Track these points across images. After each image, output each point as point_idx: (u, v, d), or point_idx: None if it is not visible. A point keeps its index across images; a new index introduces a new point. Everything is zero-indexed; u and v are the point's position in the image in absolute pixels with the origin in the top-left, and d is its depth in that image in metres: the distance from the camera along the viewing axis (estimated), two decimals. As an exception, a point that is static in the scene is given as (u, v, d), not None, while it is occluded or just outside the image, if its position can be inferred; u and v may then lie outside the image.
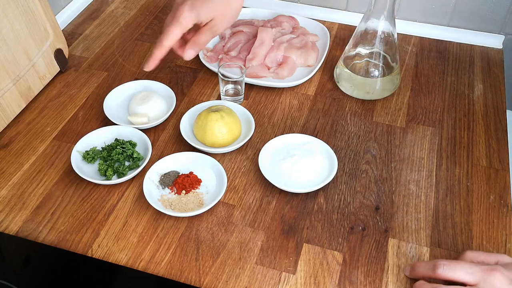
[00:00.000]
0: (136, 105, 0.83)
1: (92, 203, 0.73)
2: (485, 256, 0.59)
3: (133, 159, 0.77)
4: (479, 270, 0.54)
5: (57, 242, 0.69)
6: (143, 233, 0.70)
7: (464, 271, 0.54)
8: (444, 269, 0.56)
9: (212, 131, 0.77)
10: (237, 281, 0.64)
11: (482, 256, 0.59)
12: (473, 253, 0.60)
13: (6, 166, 0.79)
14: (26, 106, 0.88)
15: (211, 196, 0.73)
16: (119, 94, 0.88)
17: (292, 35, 0.99)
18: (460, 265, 0.56)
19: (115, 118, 0.83)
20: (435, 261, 0.58)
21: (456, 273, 0.55)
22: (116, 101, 0.87)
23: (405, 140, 0.83)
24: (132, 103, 0.85)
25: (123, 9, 1.14)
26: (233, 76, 0.86)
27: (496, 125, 0.85)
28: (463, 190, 0.75)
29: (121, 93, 0.88)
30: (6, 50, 0.81)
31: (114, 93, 0.88)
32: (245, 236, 0.69)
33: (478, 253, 0.60)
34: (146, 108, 0.83)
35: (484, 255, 0.59)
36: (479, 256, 0.59)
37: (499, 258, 0.58)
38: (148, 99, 0.83)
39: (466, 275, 0.54)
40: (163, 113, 0.84)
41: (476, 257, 0.59)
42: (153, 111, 0.83)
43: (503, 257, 0.58)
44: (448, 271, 0.55)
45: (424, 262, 0.61)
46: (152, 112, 0.83)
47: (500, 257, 0.58)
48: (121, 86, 0.89)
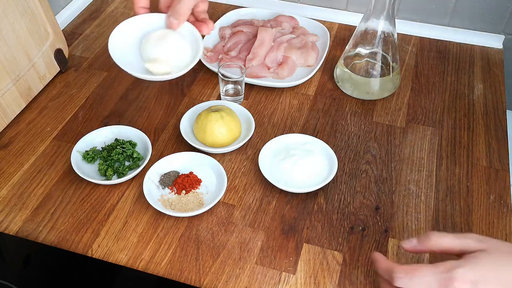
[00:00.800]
0: (152, 47, 0.65)
1: (92, 203, 0.73)
2: (450, 241, 0.54)
3: (133, 159, 0.77)
4: (437, 281, 0.49)
5: (57, 242, 0.69)
6: (143, 233, 0.70)
7: (421, 285, 0.50)
8: (400, 282, 0.51)
9: (212, 131, 0.77)
10: (237, 281, 0.64)
11: (447, 240, 0.54)
12: (438, 237, 0.55)
13: (6, 166, 0.79)
14: (26, 106, 0.88)
15: (211, 196, 0.73)
16: (128, 33, 0.69)
17: (292, 35, 0.99)
18: (417, 276, 0.50)
19: (126, 66, 0.65)
20: (393, 268, 0.52)
21: (412, 287, 0.50)
22: (123, 43, 0.68)
23: (405, 140, 0.83)
24: (147, 46, 0.66)
25: (123, 9, 1.14)
26: (233, 76, 0.86)
27: (496, 125, 0.85)
28: (463, 190, 0.75)
29: (131, 32, 0.69)
30: (6, 50, 0.81)
31: (121, 30, 0.68)
32: (245, 236, 0.69)
33: (442, 236, 0.54)
34: (166, 51, 0.65)
35: (449, 239, 0.54)
36: (443, 241, 0.54)
37: (465, 245, 0.53)
38: (167, 40, 0.65)
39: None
40: (188, 59, 0.65)
41: (441, 242, 0.54)
42: (175, 56, 0.65)
43: (469, 242, 0.53)
44: (404, 284, 0.51)
45: (384, 263, 0.55)
46: (175, 57, 0.65)
47: (466, 241, 0.53)
48: (130, 20, 0.69)
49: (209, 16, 1.10)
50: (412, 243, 0.55)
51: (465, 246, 0.52)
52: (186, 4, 0.63)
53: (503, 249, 0.51)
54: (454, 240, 0.53)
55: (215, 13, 1.11)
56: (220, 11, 1.11)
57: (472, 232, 0.70)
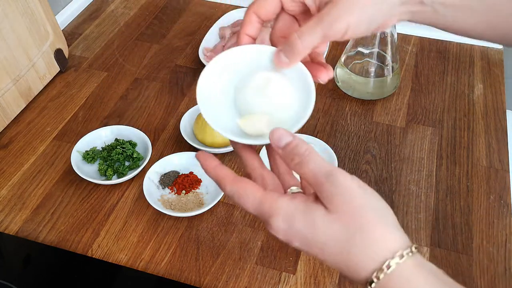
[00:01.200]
0: (248, 98, 0.46)
1: (92, 203, 0.73)
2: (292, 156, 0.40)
3: (133, 159, 0.77)
4: (260, 210, 0.39)
5: (57, 242, 0.69)
6: (143, 233, 0.70)
7: (248, 204, 0.40)
8: (228, 190, 0.41)
9: (212, 131, 0.77)
10: (237, 281, 0.64)
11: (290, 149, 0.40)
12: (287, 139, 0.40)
13: (6, 166, 0.79)
14: (26, 106, 0.88)
15: (211, 196, 0.73)
16: (221, 72, 0.47)
17: (292, 35, 0.99)
18: (241, 203, 0.40)
19: (214, 120, 0.44)
20: (220, 181, 0.42)
21: (240, 202, 0.41)
22: (215, 87, 0.47)
23: (405, 140, 0.83)
24: (242, 94, 0.47)
25: (123, 9, 1.14)
26: (233, 76, 0.86)
27: (496, 125, 0.85)
28: (463, 190, 0.75)
29: (224, 71, 0.47)
30: (6, 50, 0.81)
31: (214, 68, 0.46)
32: (245, 236, 0.69)
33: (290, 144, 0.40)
34: (267, 105, 0.45)
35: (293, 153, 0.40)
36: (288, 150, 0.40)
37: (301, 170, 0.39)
38: (269, 89, 0.45)
39: (250, 206, 0.40)
40: (292, 116, 0.45)
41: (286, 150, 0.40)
42: (277, 113, 0.45)
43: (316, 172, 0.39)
44: (232, 197, 0.41)
45: (213, 169, 0.43)
46: (277, 114, 0.45)
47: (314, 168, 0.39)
48: (226, 54, 0.46)
49: (209, 16, 1.11)
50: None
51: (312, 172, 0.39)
52: (308, 40, 0.43)
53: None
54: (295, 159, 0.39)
55: (215, 13, 1.11)
56: (220, 11, 1.11)
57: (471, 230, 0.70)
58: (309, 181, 0.38)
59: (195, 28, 1.07)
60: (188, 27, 1.08)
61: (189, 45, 1.03)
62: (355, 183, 0.37)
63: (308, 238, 0.37)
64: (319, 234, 0.37)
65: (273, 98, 0.45)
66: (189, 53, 1.01)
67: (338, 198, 0.36)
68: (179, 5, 1.15)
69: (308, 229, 0.37)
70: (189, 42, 1.04)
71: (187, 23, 1.09)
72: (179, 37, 1.05)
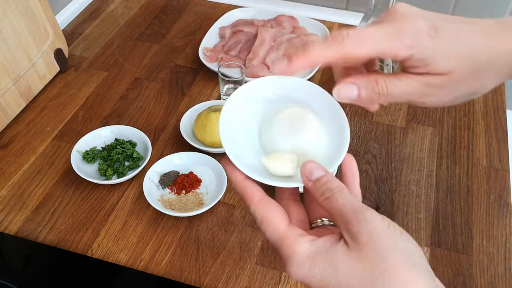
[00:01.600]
0: (277, 135, 0.42)
1: (92, 203, 0.73)
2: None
3: (133, 159, 0.77)
4: (278, 245, 0.37)
5: (57, 242, 0.69)
6: (143, 233, 0.70)
7: (267, 233, 0.38)
8: (252, 210, 0.39)
9: (212, 131, 0.77)
10: (237, 281, 0.64)
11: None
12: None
13: (6, 166, 0.79)
14: (26, 106, 0.88)
15: (211, 196, 0.73)
16: (247, 103, 0.42)
17: (292, 34, 0.99)
18: (268, 221, 0.38)
19: (236, 157, 0.39)
20: (250, 194, 0.39)
21: (260, 227, 0.39)
22: (238, 121, 0.42)
23: (405, 140, 0.83)
24: (269, 131, 0.42)
25: (123, 9, 1.14)
26: (233, 76, 0.86)
27: (496, 125, 0.85)
28: (463, 190, 0.75)
29: (252, 102, 0.43)
30: (6, 50, 0.81)
31: (240, 97, 0.42)
32: (245, 236, 0.69)
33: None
34: (297, 146, 0.41)
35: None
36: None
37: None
38: (303, 128, 0.41)
39: (269, 236, 0.38)
40: (322, 159, 0.41)
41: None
42: (308, 154, 0.41)
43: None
44: (254, 218, 0.39)
45: (242, 186, 0.40)
46: (307, 155, 0.41)
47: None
48: (256, 83, 0.42)
49: (209, 16, 1.11)
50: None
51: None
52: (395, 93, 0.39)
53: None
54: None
55: (215, 13, 1.11)
56: (220, 11, 1.11)
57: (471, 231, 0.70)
58: (336, 218, 0.36)
59: (195, 28, 1.07)
60: (188, 27, 1.08)
61: (189, 45, 1.03)
62: (385, 223, 0.35)
63: (328, 280, 0.35)
64: (341, 276, 0.34)
65: (302, 136, 0.41)
66: (189, 53, 1.01)
67: (364, 236, 0.34)
68: (179, 5, 1.15)
69: (329, 271, 0.35)
70: (189, 42, 1.04)
71: (187, 23, 1.09)
72: (179, 37, 1.05)
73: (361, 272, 0.34)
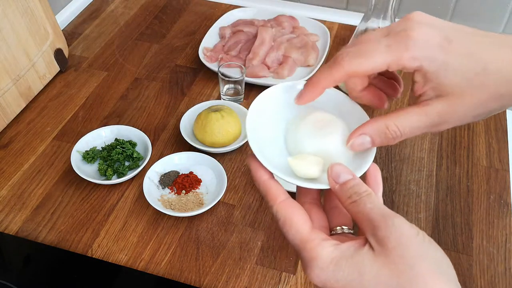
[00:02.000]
0: (305, 137, 0.42)
1: (92, 203, 0.73)
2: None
3: (133, 159, 0.77)
4: (300, 248, 0.37)
5: (57, 242, 0.69)
6: (143, 233, 0.70)
7: (289, 235, 0.38)
8: (274, 211, 0.38)
9: (212, 131, 0.77)
10: (237, 281, 0.64)
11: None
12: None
13: (6, 166, 0.79)
14: (26, 106, 0.88)
15: (211, 196, 0.73)
16: (275, 104, 0.44)
17: (292, 34, 0.99)
18: (291, 223, 0.37)
19: (263, 156, 0.39)
20: (273, 195, 0.38)
21: (282, 229, 0.38)
22: (267, 120, 0.43)
23: (405, 140, 0.83)
24: (298, 130, 0.43)
25: (123, 9, 1.14)
26: (233, 76, 0.86)
27: (496, 125, 0.85)
28: (463, 190, 0.75)
29: (281, 105, 0.44)
30: (6, 50, 0.81)
31: (268, 98, 0.43)
32: (245, 236, 0.69)
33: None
34: (324, 148, 0.41)
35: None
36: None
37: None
38: (331, 132, 0.42)
39: (290, 238, 0.37)
40: (352, 159, 0.42)
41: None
42: (333, 158, 0.41)
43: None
44: (276, 219, 0.39)
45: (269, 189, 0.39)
46: (333, 158, 0.41)
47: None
48: (286, 85, 0.44)
49: (209, 16, 1.11)
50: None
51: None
52: (406, 126, 0.38)
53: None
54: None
55: (215, 13, 1.11)
56: (220, 11, 1.11)
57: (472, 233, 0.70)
58: (362, 222, 0.35)
59: (195, 28, 1.07)
60: (188, 27, 1.08)
61: (189, 45, 1.03)
62: (414, 230, 0.34)
63: (352, 285, 0.34)
64: (367, 281, 0.33)
65: (329, 140, 0.41)
66: (189, 53, 1.01)
67: (392, 241, 0.33)
68: (179, 5, 1.15)
69: (354, 276, 0.34)
70: (189, 42, 1.04)
71: (187, 23, 1.09)
72: (179, 37, 1.05)
73: (387, 278, 0.33)
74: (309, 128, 0.42)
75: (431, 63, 0.36)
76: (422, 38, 0.36)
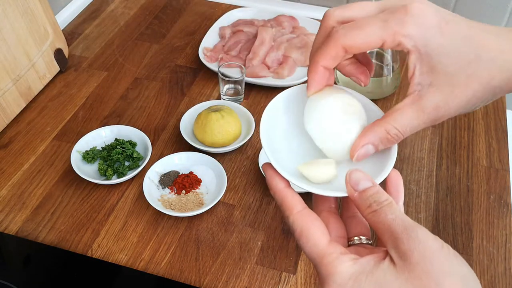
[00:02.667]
0: (322, 140, 0.40)
1: (92, 203, 0.73)
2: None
3: (133, 159, 0.77)
4: (317, 262, 0.36)
5: (57, 242, 0.69)
6: (143, 233, 0.70)
7: (306, 248, 0.36)
8: (290, 222, 0.36)
9: (212, 131, 0.77)
10: (237, 281, 0.64)
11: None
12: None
13: (6, 166, 0.79)
14: (26, 106, 0.88)
15: (211, 196, 0.73)
16: (285, 112, 0.43)
17: (292, 34, 0.99)
18: (308, 236, 0.35)
19: (277, 161, 0.38)
20: (290, 204, 0.37)
21: (298, 241, 0.36)
22: (280, 127, 0.42)
23: (405, 139, 0.83)
24: (313, 135, 0.40)
25: (123, 9, 1.14)
26: (233, 76, 0.86)
27: (496, 125, 0.85)
28: (463, 190, 0.75)
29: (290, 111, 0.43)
30: (6, 50, 0.81)
31: (279, 104, 0.42)
32: (245, 236, 0.69)
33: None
34: (343, 149, 0.40)
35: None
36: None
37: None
38: (357, 115, 0.40)
39: (307, 252, 0.36)
40: (371, 164, 0.40)
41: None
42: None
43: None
44: (292, 230, 0.36)
45: (285, 199, 0.38)
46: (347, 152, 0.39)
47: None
48: (296, 89, 0.43)
49: (209, 15, 1.11)
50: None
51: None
52: (402, 125, 0.38)
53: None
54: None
55: (215, 13, 1.11)
56: (220, 11, 1.11)
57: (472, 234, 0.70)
58: (383, 233, 0.33)
59: (195, 28, 1.07)
60: (188, 27, 1.08)
61: (189, 45, 1.03)
62: (438, 244, 0.32)
63: None
64: None
65: (354, 127, 0.39)
66: (189, 53, 1.01)
67: (416, 256, 0.31)
68: (179, 5, 1.15)
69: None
70: (189, 42, 1.04)
71: (187, 23, 1.09)
72: (179, 37, 1.05)
73: None
74: (338, 107, 0.39)
75: (427, 43, 0.35)
76: (420, 15, 0.35)
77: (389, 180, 0.38)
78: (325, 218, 0.39)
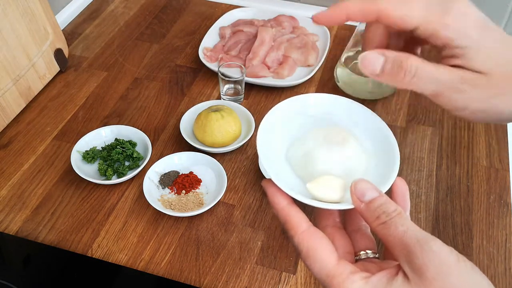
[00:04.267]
0: (324, 155, 0.39)
1: (92, 203, 0.73)
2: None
3: (133, 159, 0.77)
4: (326, 283, 0.35)
5: (57, 242, 0.69)
6: (143, 233, 0.70)
7: (314, 269, 0.35)
8: (296, 242, 0.35)
9: (212, 131, 0.77)
10: (237, 281, 0.64)
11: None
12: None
13: (6, 166, 0.79)
14: (26, 106, 0.88)
15: (211, 196, 0.73)
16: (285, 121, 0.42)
17: (292, 34, 0.99)
18: (315, 257, 0.34)
19: (277, 176, 0.36)
20: (294, 224, 0.36)
21: (305, 262, 0.36)
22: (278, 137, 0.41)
23: (406, 140, 0.83)
24: (313, 150, 0.39)
25: (123, 9, 1.14)
26: (233, 76, 0.86)
27: (496, 125, 0.85)
28: (463, 190, 0.75)
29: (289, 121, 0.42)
30: (6, 50, 0.81)
31: (278, 112, 0.41)
32: (245, 236, 0.69)
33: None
34: (346, 163, 0.39)
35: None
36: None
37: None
38: (349, 144, 0.39)
39: (316, 272, 0.35)
40: (374, 175, 0.39)
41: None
42: (355, 172, 0.39)
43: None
44: (298, 251, 0.36)
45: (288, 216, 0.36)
46: (354, 172, 0.39)
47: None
48: (296, 99, 0.42)
49: (209, 15, 1.11)
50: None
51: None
52: (421, 83, 0.36)
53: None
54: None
55: (215, 13, 1.11)
56: (220, 11, 1.11)
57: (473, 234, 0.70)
58: (395, 247, 0.32)
59: (195, 28, 1.07)
60: (188, 26, 1.08)
61: (189, 44, 1.03)
62: (454, 256, 0.30)
63: None
64: None
65: (349, 158, 0.38)
66: (189, 53, 1.01)
67: (432, 271, 0.30)
68: (179, 5, 1.15)
69: None
70: (189, 41, 1.04)
71: (187, 22, 1.09)
72: (179, 36, 1.05)
73: None
74: (325, 146, 0.38)
75: (465, 38, 0.34)
76: (464, 10, 0.34)
77: (394, 189, 0.36)
78: (330, 234, 0.37)
